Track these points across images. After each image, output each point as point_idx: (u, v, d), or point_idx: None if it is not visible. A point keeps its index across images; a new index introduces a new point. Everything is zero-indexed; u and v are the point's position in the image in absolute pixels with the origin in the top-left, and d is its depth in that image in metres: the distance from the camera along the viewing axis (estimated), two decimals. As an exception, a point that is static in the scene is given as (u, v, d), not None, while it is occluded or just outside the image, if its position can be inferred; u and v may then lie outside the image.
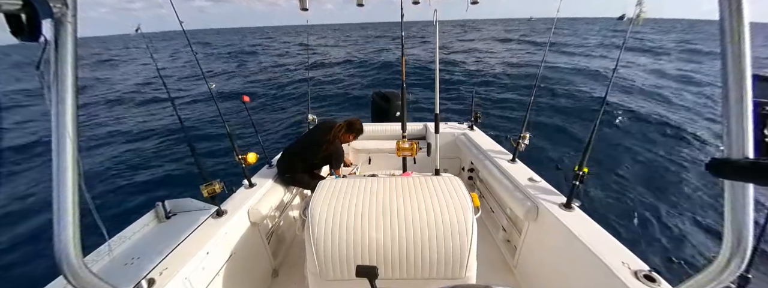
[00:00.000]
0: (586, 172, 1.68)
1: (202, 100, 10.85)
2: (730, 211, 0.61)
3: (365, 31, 56.39)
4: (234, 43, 39.98)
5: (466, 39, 32.42)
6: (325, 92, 11.39)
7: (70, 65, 0.62)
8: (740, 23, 0.53)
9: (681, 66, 14.55)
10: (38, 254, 3.69)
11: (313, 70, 15.63)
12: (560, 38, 28.93)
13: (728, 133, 0.58)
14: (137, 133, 8.22)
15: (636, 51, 19.06)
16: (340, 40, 40.00)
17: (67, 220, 0.65)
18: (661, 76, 12.13)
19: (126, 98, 12.33)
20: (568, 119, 6.95)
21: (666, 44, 23.57)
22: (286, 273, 2.34)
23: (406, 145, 2.26)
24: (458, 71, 13.89)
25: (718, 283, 0.65)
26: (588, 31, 39.38)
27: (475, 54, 19.74)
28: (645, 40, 26.43)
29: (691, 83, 10.86)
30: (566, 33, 36.44)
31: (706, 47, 21.13)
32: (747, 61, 0.54)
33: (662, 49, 20.34)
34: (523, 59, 16.73)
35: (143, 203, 4.73)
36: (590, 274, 1.47)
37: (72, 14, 0.61)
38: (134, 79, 16.52)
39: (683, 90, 9.77)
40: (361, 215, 1.29)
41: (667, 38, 29.28)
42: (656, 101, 8.29)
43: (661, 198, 4.38)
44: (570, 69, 12.90)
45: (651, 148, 5.57)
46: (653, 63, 15.15)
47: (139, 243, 1.63)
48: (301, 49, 27.97)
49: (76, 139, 0.66)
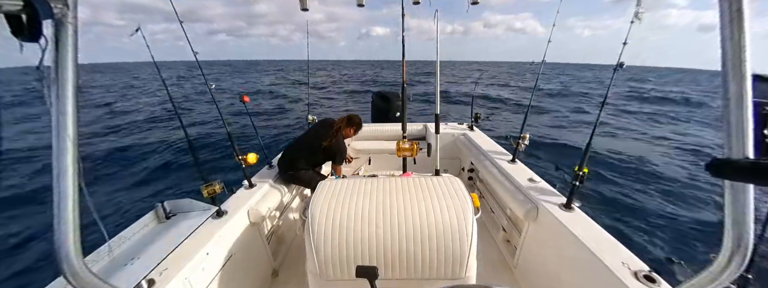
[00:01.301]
0: (586, 172, 1.68)
1: (202, 102, 10.88)
2: (730, 211, 0.61)
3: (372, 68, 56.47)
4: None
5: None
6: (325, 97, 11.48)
7: (71, 66, 0.62)
8: (740, 23, 0.53)
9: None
10: (39, 254, 3.69)
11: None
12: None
13: (728, 133, 0.58)
14: (137, 132, 8.22)
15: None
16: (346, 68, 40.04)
17: (67, 220, 0.65)
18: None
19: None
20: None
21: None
22: (286, 273, 2.34)
23: (407, 146, 2.26)
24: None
25: (719, 283, 0.65)
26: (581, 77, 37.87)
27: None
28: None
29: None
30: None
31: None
32: (747, 60, 0.54)
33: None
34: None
35: (143, 203, 4.73)
36: (590, 275, 1.47)
37: (73, 15, 0.61)
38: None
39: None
40: (361, 216, 1.29)
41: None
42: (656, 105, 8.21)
43: (661, 198, 4.38)
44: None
45: (651, 147, 5.57)
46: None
47: (139, 243, 1.63)
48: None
49: (77, 139, 0.66)
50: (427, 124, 3.66)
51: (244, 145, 3.00)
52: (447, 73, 38.06)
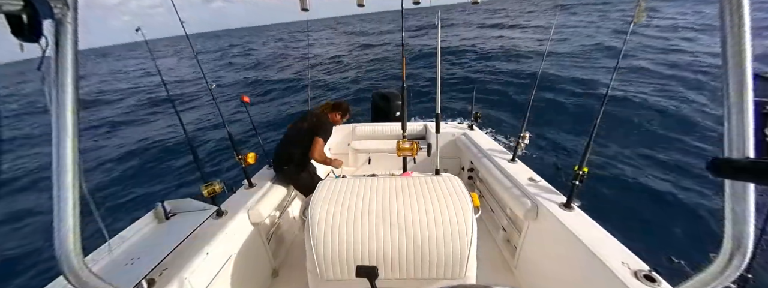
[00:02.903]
0: (586, 171, 1.68)
1: (202, 101, 10.89)
2: (730, 211, 0.61)
3: (372, 24, 55.67)
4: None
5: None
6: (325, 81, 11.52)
7: (71, 66, 0.62)
8: (741, 23, 0.53)
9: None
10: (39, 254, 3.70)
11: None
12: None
13: (728, 133, 0.58)
14: (137, 132, 8.23)
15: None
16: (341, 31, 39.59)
17: (67, 220, 0.65)
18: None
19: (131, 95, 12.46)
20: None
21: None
22: (286, 273, 2.34)
23: (407, 145, 2.26)
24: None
25: (719, 283, 0.65)
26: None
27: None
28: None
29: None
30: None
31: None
32: (747, 60, 0.54)
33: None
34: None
35: (143, 203, 4.73)
36: (590, 274, 1.47)
37: (73, 15, 0.61)
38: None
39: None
40: (361, 215, 1.29)
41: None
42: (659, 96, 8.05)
43: (661, 198, 4.38)
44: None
45: (651, 147, 5.57)
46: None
47: (139, 243, 1.63)
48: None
49: (77, 139, 0.66)
50: (427, 123, 3.66)
51: (244, 145, 2.99)
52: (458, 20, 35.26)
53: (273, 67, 18.42)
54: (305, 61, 16.17)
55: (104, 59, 51.65)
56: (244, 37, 65.30)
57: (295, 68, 16.60)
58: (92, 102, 13.58)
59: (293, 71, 15.73)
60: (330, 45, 27.00)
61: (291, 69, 16.71)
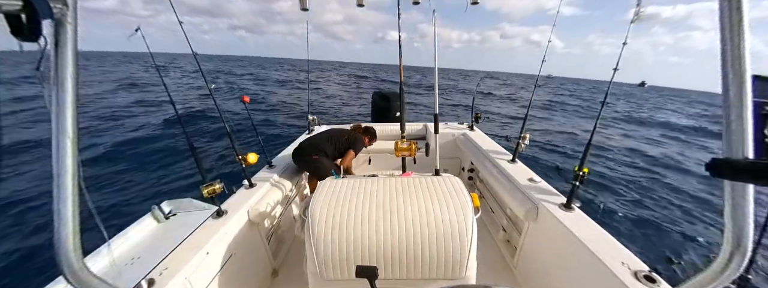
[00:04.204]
0: (586, 172, 1.68)
1: (203, 101, 10.88)
2: (730, 212, 0.60)
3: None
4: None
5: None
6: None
7: (70, 66, 0.62)
8: (740, 23, 0.53)
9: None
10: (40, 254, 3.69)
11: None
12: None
13: (728, 133, 0.58)
14: (137, 132, 8.22)
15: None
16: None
17: (67, 220, 0.65)
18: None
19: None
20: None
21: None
22: (286, 273, 2.34)
23: (405, 146, 2.26)
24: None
25: (719, 283, 0.65)
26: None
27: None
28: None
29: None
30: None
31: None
32: (747, 61, 0.54)
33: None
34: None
35: (143, 203, 4.73)
36: (590, 275, 1.47)
37: (72, 15, 0.61)
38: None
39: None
40: (360, 215, 1.29)
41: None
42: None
43: (661, 198, 4.37)
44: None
45: (651, 147, 5.57)
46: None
47: (139, 243, 1.63)
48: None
49: (76, 139, 0.66)
50: (427, 123, 3.67)
51: (244, 144, 3.00)
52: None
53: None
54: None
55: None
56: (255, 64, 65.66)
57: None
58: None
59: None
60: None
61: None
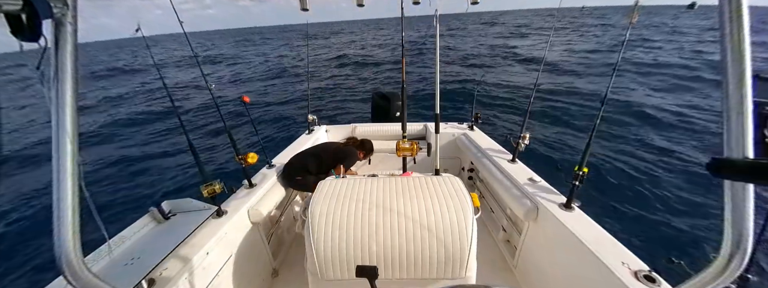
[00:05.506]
0: (586, 172, 1.68)
1: (203, 101, 10.87)
2: (730, 212, 0.60)
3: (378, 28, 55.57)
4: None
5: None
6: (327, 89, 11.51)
7: (70, 66, 0.63)
8: (740, 23, 0.53)
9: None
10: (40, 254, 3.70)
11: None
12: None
13: (728, 133, 0.58)
14: (137, 132, 8.23)
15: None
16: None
17: (67, 220, 0.65)
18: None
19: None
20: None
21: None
22: (286, 273, 2.34)
23: (407, 145, 2.26)
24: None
25: (719, 283, 0.65)
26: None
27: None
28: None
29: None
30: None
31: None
32: (747, 61, 0.54)
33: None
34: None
35: (143, 204, 4.73)
36: (590, 274, 1.47)
37: (72, 15, 0.61)
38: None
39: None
40: (361, 215, 1.29)
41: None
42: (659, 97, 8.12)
43: (661, 198, 4.37)
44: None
45: (651, 147, 5.57)
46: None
47: (139, 243, 1.63)
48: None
49: (76, 139, 0.66)
50: (428, 123, 3.66)
51: (244, 144, 3.00)
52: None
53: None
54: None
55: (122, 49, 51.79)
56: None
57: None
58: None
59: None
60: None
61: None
